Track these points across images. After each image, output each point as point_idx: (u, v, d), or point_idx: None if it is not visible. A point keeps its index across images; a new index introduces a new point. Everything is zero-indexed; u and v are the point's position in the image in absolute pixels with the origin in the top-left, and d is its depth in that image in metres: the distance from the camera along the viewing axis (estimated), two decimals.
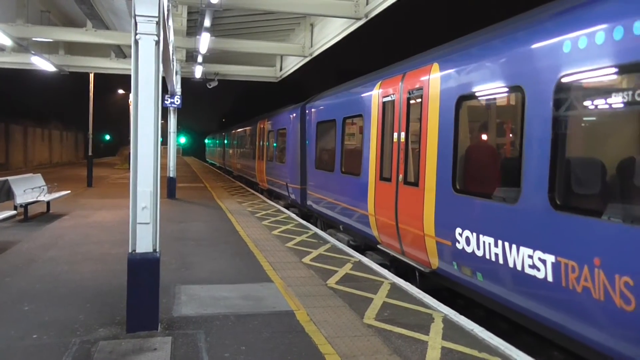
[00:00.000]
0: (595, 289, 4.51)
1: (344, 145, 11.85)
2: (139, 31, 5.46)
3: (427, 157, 7.63)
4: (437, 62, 7.68)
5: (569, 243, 4.86)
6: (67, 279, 7.70)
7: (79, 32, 16.35)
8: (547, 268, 5.11)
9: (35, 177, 14.91)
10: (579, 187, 5.02)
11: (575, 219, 4.80)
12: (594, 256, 4.53)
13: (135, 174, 5.51)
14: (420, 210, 7.73)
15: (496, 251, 5.96)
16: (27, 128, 43.89)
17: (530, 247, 5.37)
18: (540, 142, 5.29)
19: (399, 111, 8.76)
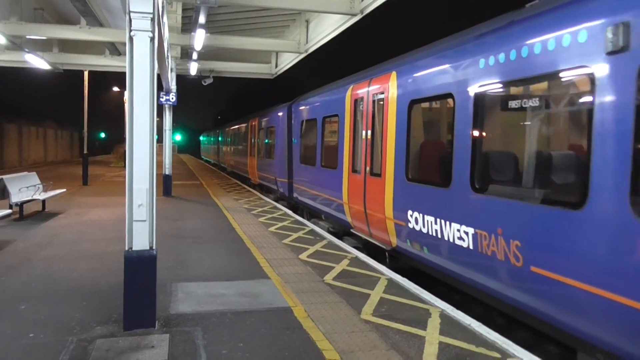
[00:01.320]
0: (498, 252, 5.89)
1: (324, 141, 13.08)
2: (133, 28, 5.43)
3: (387, 152, 8.89)
4: (395, 70, 8.94)
5: (482, 218, 6.25)
6: (63, 278, 7.68)
7: (72, 29, 16.26)
8: (469, 238, 6.47)
9: (30, 176, 14.85)
10: (489, 175, 6.39)
11: (486, 199, 6.23)
12: (497, 227, 5.90)
13: (131, 171, 5.49)
14: (382, 197, 9.03)
15: (436, 227, 7.30)
16: (22, 126, 43.64)
17: (458, 223, 6.74)
18: (464, 139, 6.61)
19: (366, 112, 10.09)
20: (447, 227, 6.96)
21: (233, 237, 11.19)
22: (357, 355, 5.01)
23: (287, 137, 17.18)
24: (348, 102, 11.09)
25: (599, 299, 4.52)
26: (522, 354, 5.11)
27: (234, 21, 17.90)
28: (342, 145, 11.33)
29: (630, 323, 4.26)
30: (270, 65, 23.43)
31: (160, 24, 7.98)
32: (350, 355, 5.00)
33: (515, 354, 5.09)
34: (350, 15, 12.82)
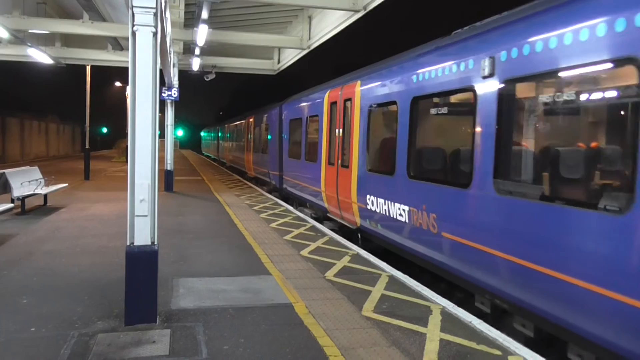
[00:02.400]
0: (423, 223, 7.64)
1: (307, 138, 14.79)
2: (136, 22, 5.42)
3: (353, 147, 10.65)
4: (360, 79, 10.67)
5: (414, 198, 8.04)
6: (65, 272, 7.69)
7: (75, 24, 16.26)
8: (406, 214, 8.26)
9: (32, 170, 14.86)
10: (418, 165, 8.20)
11: (416, 183, 8.03)
12: (423, 204, 7.71)
13: (133, 166, 5.49)
14: (350, 185, 10.78)
15: (385, 207, 9.08)
16: (24, 121, 43.72)
17: (399, 202, 8.53)
18: (404, 138, 8.45)
19: (339, 114, 11.80)
20: (392, 207, 8.79)
21: (234, 233, 11.20)
22: (358, 352, 5.01)
23: (278, 134, 18.80)
24: (325, 104, 12.85)
25: (482, 253, 6.23)
26: (523, 351, 5.11)
27: (237, 17, 17.87)
28: (321, 142, 13.08)
29: (499, 269, 5.98)
30: (273, 61, 23.41)
31: (163, 19, 7.98)
32: (352, 352, 5.01)
33: (516, 352, 5.09)
34: (353, 12, 12.81)
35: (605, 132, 5.25)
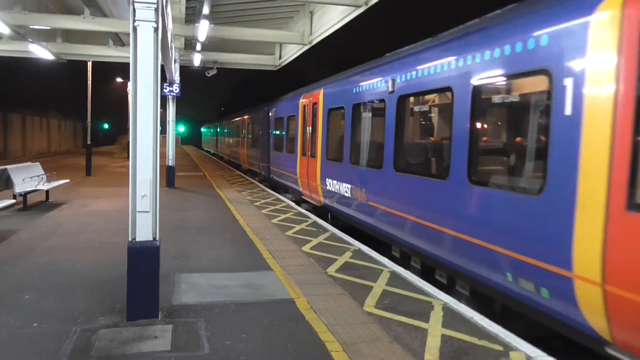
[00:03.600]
0: (357, 196, 10.34)
1: (288, 134, 17.40)
2: (137, 18, 5.41)
3: (318, 141, 13.34)
4: (322, 88, 13.43)
5: (354, 178, 10.64)
6: (67, 268, 7.71)
7: (76, 19, 16.22)
8: (349, 191, 10.85)
9: (34, 166, 14.87)
10: (355, 154, 10.82)
11: (355, 167, 10.61)
12: (359, 183, 10.30)
13: (134, 162, 5.49)
14: (316, 171, 13.41)
15: (337, 187, 11.72)
16: (26, 117, 43.72)
17: (345, 182, 11.15)
18: (347, 134, 11.13)
19: (310, 114, 14.37)
20: (341, 186, 11.45)
21: (236, 228, 11.20)
22: (359, 347, 5.02)
23: (266, 131, 21.50)
24: (300, 106, 15.55)
25: (393, 215, 8.71)
26: (525, 347, 5.11)
27: (238, 12, 17.83)
28: (297, 137, 15.68)
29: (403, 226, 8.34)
30: (274, 56, 23.36)
31: (164, 15, 7.96)
32: (353, 347, 5.01)
33: (518, 347, 5.09)
34: (355, 7, 12.77)
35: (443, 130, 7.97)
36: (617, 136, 4.43)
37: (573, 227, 4.83)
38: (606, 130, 4.52)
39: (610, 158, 4.48)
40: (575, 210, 4.83)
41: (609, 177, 4.48)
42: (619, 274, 4.43)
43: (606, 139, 4.53)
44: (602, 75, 4.59)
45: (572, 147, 4.89)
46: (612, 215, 4.46)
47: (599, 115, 4.60)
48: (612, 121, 4.47)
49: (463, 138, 6.73)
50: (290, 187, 16.98)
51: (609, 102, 4.51)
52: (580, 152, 4.81)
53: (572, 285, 4.84)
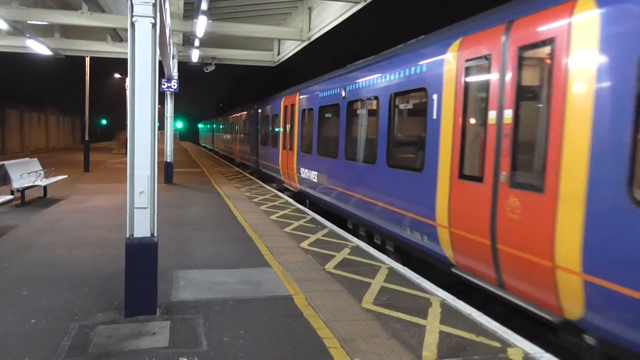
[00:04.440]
0: (322, 181, 12.60)
1: (273, 130, 19.56)
2: (135, 13, 5.38)
3: (295, 136, 15.74)
4: (298, 92, 15.91)
5: (320, 167, 12.80)
6: (65, 264, 7.70)
7: (74, 15, 16.16)
8: (317, 177, 13.06)
9: (32, 162, 14.84)
10: (321, 147, 12.99)
11: (320, 158, 12.77)
12: (323, 170, 12.57)
13: (132, 158, 5.47)
14: (294, 162, 15.71)
15: (308, 174, 14.00)
16: (24, 113, 43.61)
17: (314, 170, 13.35)
18: (315, 131, 13.40)
19: (289, 114, 16.76)
20: (311, 173, 13.73)
21: (234, 225, 11.20)
22: (357, 344, 5.02)
23: (255, 128, 24.04)
24: (282, 107, 17.88)
25: (345, 194, 10.98)
26: (522, 343, 5.12)
27: (236, 8, 17.79)
28: (279, 133, 18.07)
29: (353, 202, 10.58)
30: (273, 52, 23.32)
31: (162, 10, 7.92)
32: (351, 344, 5.02)
33: (516, 343, 5.10)
34: (354, 3, 12.74)
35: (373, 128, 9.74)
36: (456, 133, 6.86)
37: (436, 193, 7.27)
38: (449, 129, 7.00)
39: (452, 148, 6.90)
40: (437, 181, 7.25)
41: (451, 160, 6.92)
42: (456, 220, 6.80)
43: (449, 135, 6.99)
44: (449, 93, 7.06)
45: (436, 139, 7.31)
46: (452, 183, 6.90)
47: (447, 119, 7.07)
48: (453, 123, 6.91)
49: (384, 134, 9.10)
50: (274, 177, 19.38)
51: (451, 111, 6.99)
52: (439, 143, 7.22)
53: (436, 231, 7.29)
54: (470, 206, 6.46)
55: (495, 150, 6.01)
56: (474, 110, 6.65)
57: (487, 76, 6.27)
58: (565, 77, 5.07)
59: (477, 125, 6.57)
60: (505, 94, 5.91)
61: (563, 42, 5.10)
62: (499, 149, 5.94)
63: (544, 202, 5.22)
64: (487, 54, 6.28)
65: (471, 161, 6.58)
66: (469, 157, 6.62)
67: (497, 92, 6.05)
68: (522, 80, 5.77)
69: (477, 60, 6.49)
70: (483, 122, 6.32)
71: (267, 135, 20.79)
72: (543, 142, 5.31)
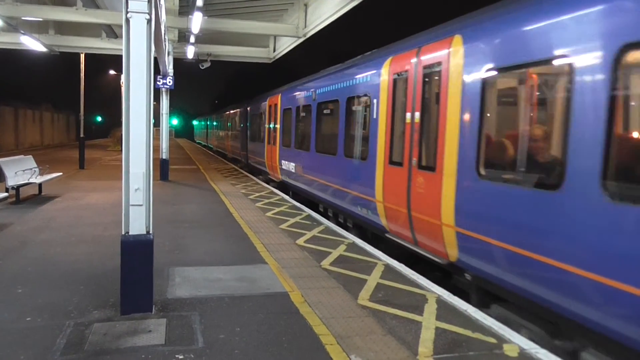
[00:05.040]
0: (298, 171, 14.65)
1: (259, 127, 21.73)
2: (130, 9, 5.35)
3: (277, 133, 17.63)
4: (280, 93, 17.86)
5: (297, 159, 14.79)
6: (60, 262, 7.68)
7: (69, 11, 16.07)
8: (294, 167, 15.08)
9: (26, 159, 14.79)
10: (298, 141, 14.95)
11: (297, 151, 14.80)
12: (299, 161, 14.65)
13: (127, 155, 5.45)
14: (276, 155, 17.59)
15: (288, 166, 15.83)
16: (18, 110, 43.38)
17: (292, 162, 15.33)
18: (294, 127, 15.39)
19: (274, 112, 18.65)
20: (290, 164, 15.64)
21: (230, 222, 11.19)
22: (354, 341, 5.02)
23: (245, 125, 26.16)
24: (267, 106, 19.90)
25: (316, 182, 12.81)
26: (518, 339, 5.14)
27: (232, 4, 17.74)
28: (265, 129, 20.16)
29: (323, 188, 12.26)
30: (269, 49, 23.27)
31: (157, 6, 7.89)
32: (347, 341, 5.02)
33: (511, 339, 5.11)
34: None
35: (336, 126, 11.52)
36: (387, 129, 8.81)
37: (375, 175, 9.22)
38: (384, 126, 8.96)
39: (385, 141, 8.85)
40: (376, 167, 9.19)
41: (385, 150, 8.86)
42: (387, 196, 8.74)
43: (384, 131, 8.95)
44: (383, 99, 9.01)
45: (375, 134, 9.25)
46: (385, 168, 8.85)
47: (382, 119, 9.01)
48: (386, 122, 8.87)
49: (342, 130, 11.16)
50: (261, 169, 21.27)
51: (384, 112, 8.94)
52: (378, 137, 9.15)
53: (376, 206, 9.19)
54: (395, 185, 8.44)
55: (409, 142, 7.99)
56: (398, 113, 8.57)
57: (405, 87, 8.28)
58: (446, 89, 6.97)
59: (399, 124, 8.50)
60: (415, 101, 7.88)
61: (445, 65, 7.05)
62: (412, 141, 7.92)
63: (435, 178, 7.16)
64: (406, 70, 8.29)
65: (396, 150, 8.54)
66: (395, 148, 8.59)
67: (411, 99, 8.04)
68: (424, 91, 7.71)
69: (400, 74, 8.50)
70: (403, 122, 8.30)
71: (254, 132, 23.05)
72: (435, 136, 7.22)
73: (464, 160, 6.48)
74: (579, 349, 5.05)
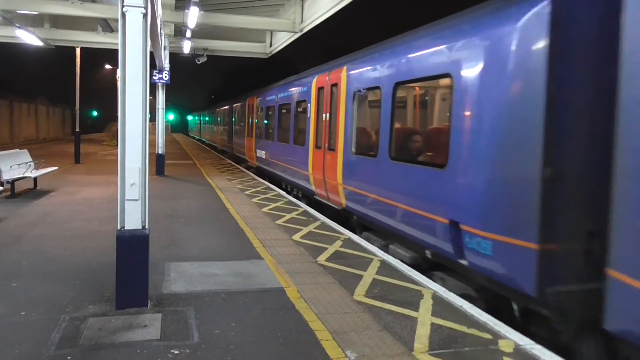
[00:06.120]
0: (267, 157, 18.68)
1: (242, 123, 25.42)
2: (125, 3, 5.31)
3: (254, 127, 21.39)
4: (256, 95, 21.75)
5: (267, 147, 18.58)
6: (55, 256, 7.65)
7: (64, 4, 15.97)
8: (264, 154, 18.98)
9: (21, 153, 14.72)
10: (267, 133, 18.85)
11: (266, 141, 18.68)
12: (267, 150, 18.52)
13: (123, 150, 5.43)
14: (254, 146, 21.11)
15: (261, 153, 19.71)
16: (13, 103, 43.18)
17: (263, 150, 19.12)
18: (264, 123, 19.44)
19: (253, 109, 22.23)
20: (262, 152, 19.14)
21: (226, 217, 11.17)
22: (349, 336, 5.03)
23: (231, 120, 30.20)
24: (247, 104, 23.60)
25: (276, 163, 17.13)
26: (513, 335, 5.15)
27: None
28: (245, 124, 24.01)
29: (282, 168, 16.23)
30: (265, 44, 23.20)
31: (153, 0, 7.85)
32: (343, 336, 5.02)
33: (507, 335, 5.13)
34: None
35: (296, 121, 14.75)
36: (314, 125, 12.47)
37: (308, 156, 12.66)
38: (313, 122, 12.54)
39: (313, 133, 12.52)
40: (309, 150, 12.69)
41: (313, 139, 12.45)
42: (314, 169, 12.31)
43: (313, 126, 12.52)
44: (313, 104, 12.70)
45: (309, 128, 12.82)
46: (313, 151, 12.39)
47: (312, 118, 12.56)
48: (314, 120, 12.45)
49: (292, 125, 14.97)
50: (244, 158, 24.82)
51: (314, 113, 12.54)
52: (310, 130, 12.67)
53: (309, 177, 12.68)
54: (317, 162, 12.16)
55: (325, 133, 11.77)
56: (320, 114, 12.24)
57: (322, 97, 12.13)
58: (339, 99, 10.83)
59: (320, 121, 12.16)
60: (327, 106, 11.68)
61: (339, 84, 10.84)
62: (325, 132, 11.72)
63: (335, 155, 10.88)
64: (322, 86, 12.19)
65: (318, 139, 12.20)
66: (318, 137, 12.23)
67: (324, 105, 11.89)
68: (331, 100, 11.45)
69: (320, 88, 12.31)
70: (321, 120, 12.06)
71: (238, 127, 27.28)
72: (335, 128, 10.93)
73: (346, 143, 10.29)
74: (389, 243, 8.75)
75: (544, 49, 5.20)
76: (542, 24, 5.21)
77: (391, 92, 8.33)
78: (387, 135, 8.37)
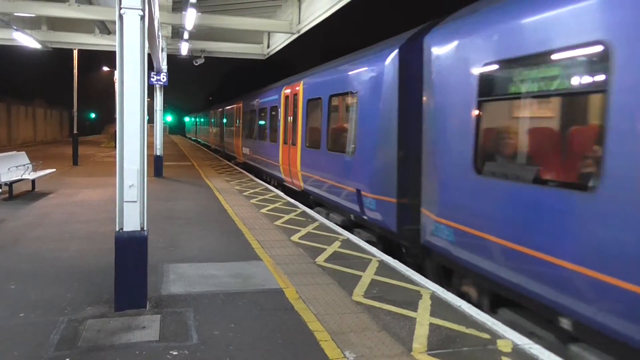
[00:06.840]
0: (250, 152, 22.41)
1: (232, 124, 28.55)
2: (123, 5, 5.32)
3: (241, 128, 25.32)
4: (241, 100, 25.95)
5: (249, 145, 22.80)
6: (54, 258, 7.65)
7: (61, 7, 15.98)
8: (248, 151, 22.74)
9: (19, 155, 14.72)
10: (249, 133, 22.84)
11: (249, 139, 22.81)
12: (259, 150, 20.17)
13: (121, 152, 5.43)
14: (240, 144, 25.22)
15: (245, 150, 23.65)
16: (11, 105, 43.12)
17: (247, 147, 23.19)
18: (248, 125, 23.59)
19: (239, 113, 26.09)
20: (246, 149, 23.28)
21: (225, 218, 11.17)
22: (348, 337, 5.04)
23: (222, 121, 34.14)
24: (236, 108, 27.03)
25: (265, 161, 18.85)
26: (512, 334, 5.16)
27: (226, 0, 17.66)
28: (234, 126, 27.30)
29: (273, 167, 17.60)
30: (262, 45, 23.22)
31: (151, 2, 7.85)
32: (342, 337, 5.03)
33: (505, 335, 5.14)
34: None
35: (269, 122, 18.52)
36: (284, 125, 15.76)
37: (279, 151, 16.14)
38: (282, 123, 15.90)
39: (283, 131, 15.80)
40: (279, 146, 16.11)
41: (282, 136, 15.83)
42: (282, 160, 15.78)
43: (282, 126, 15.90)
44: (283, 109, 16.16)
45: (279, 128, 16.28)
46: (282, 146, 15.82)
47: (282, 119, 16.01)
48: (283, 121, 15.87)
49: (268, 126, 18.19)
50: (233, 155, 28.19)
51: (283, 115, 15.99)
52: (280, 129, 16.13)
53: (280, 167, 16.12)
54: (285, 154, 15.19)
55: (290, 132, 14.64)
56: (286, 116, 15.27)
57: (288, 104, 15.20)
58: (298, 105, 14.03)
59: (286, 122, 15.22)
60: (291, 111, 14.67)
61: (298, 94, 14.06)
62: (291, 131, 14.62)
63: (295, 149, 13.81)
64: (287, 95, 15.39)
65: (287, 136, 14.98)
66: (286, 135, 15.14)
67: (290, 110, 14.89)
68: (294, 106, 14.41)
69: (287, 97, 15.40)
70: (287, 121, 15.10)
71: (228, 128, 31.09)
72: (296, 128, 13.98)
73: (303, 139, 13.47)
74: (330, 212, 11.96)
75: (396, 77, 8.43)
76: (395, 64, 8.46)
77: (327, 101, 11.74)
78: (325, 132, 11.81)
